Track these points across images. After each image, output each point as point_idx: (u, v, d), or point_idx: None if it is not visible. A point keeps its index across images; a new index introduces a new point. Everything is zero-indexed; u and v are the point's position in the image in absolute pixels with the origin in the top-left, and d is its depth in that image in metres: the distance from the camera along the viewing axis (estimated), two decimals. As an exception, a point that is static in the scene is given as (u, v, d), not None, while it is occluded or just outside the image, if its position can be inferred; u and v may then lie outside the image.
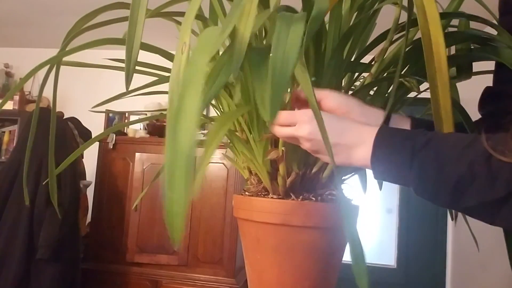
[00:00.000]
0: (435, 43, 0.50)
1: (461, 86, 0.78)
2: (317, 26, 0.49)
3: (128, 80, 0.53)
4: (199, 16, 0.74)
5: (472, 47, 0.71)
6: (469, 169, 0.46)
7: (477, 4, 0.76)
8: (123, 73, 0.54)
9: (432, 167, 0.48)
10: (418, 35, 0.63)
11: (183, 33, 0.44)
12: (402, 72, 0.70)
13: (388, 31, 0.68)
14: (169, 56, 0.68)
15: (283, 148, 0.63)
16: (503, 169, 0.44)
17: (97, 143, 2.56)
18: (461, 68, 0.72)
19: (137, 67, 0.73)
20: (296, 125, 0.55)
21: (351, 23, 0.69)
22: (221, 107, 0.79)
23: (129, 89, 0.66)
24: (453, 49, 0.74)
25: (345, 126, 0.55)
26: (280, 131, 0.57)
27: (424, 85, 0.61)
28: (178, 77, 0.45)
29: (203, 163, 0.40)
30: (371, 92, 0.75)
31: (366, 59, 0.76)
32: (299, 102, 0.59)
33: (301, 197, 0.65)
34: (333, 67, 0.65)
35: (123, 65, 0.54)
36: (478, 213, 0.48)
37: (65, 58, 0.66)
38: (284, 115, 0.56)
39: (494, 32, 0.65)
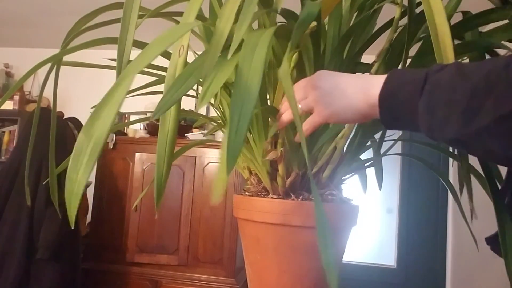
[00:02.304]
0: (440, 33, 0.50)
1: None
2: (303, 31, 0.49)
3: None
4: (199, 16, 0.74)
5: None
6: (485, 80, 0.40)
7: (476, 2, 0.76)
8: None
9: (443, 88, 0.43)
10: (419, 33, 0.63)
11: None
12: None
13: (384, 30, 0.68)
14: (170, 57, 0.68)
15: (281, 149, 0.63)
16: None
17: (97, 143, 2.55)
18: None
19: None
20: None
21: (351, 23, 0.69)
22: (221, 107, 0.79)
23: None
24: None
25: (352, 74, 0.53)
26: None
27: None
28: (174, 79, 0.45)
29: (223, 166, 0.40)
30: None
31: (367, 59, 0.76)
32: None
33: (301, 197, 0.65)
34: (333, 67, 0.65)
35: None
36: (492, 134, 0.40)
37: (66, 58, 0.66)
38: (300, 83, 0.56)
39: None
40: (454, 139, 0.43)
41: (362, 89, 0.49)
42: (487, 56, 0.72)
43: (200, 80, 0.43)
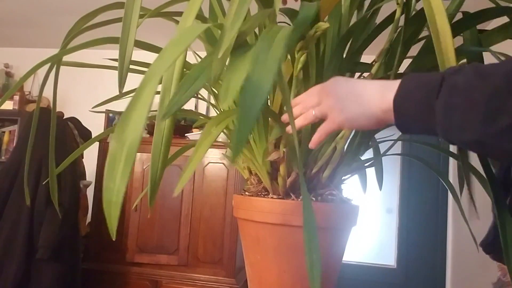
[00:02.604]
0: (441, 33, 0.50)
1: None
2: (300, 33, 0.49)
3: (121, 83, 0.53)
4: (199, 16, 0.74)
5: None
6: (505, 80, 0.40)
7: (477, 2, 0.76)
8: (123, 73, 0.54)
9: (462, 89, 0.42)
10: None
11: None
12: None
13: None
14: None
15: (284, 149, 0.63)
16: None
17: (97, 143, 2.55)
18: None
19: (137, 67, 0.73)
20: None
21: (350, 23, 0.69)
22: (221, 107, 0.79)
23: (130, 89, 0.66)
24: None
25: (366, 80, 0.53)
26: (306, 102, 0.56)
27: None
28: (171, 77, 0.45)
29: (193, 161, 0.40)
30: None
31: (367, 59, 0.76)
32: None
33: (301, 197, 0.65)
34: (332, 67, 0.65)
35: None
36: None
37: (66, 58, 0.66)
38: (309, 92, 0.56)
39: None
40: (474, 141, 0.42)
41: (376, 95, 0.49)
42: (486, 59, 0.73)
43: (206, 84, 0.43)
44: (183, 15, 0.47)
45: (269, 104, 0.73)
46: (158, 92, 0.48)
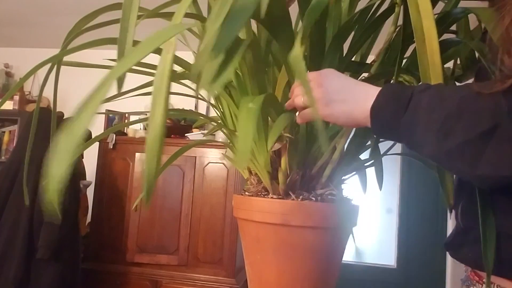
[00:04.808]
0: (427, 36, 0.51)
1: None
2: (314, 18, 0.49)
3: (120, 84, 0.53)
4: (198, 16, 0.74)
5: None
6: (458, 105, 0.45)
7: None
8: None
9: (424, 108, 0.48)
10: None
11: None
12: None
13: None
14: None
15: (287, 136, 0.63)
16: (489, 104, 0.44)
17: (97, 143, 2.56)
18: (467, 66, 0.73)
19: (136, 67, 0.73)
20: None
21: (350, 23, 0.69)
22: (220, 107, 0.79)
23: (129, 89, 0.66)
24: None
25: (357, 82, 0.57)
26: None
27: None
28: (163, 77, 0.45)
29: (244, 139, 0.40)
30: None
31: (367, 60, 0.76)
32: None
33: (301, 197, 0.65)
34: (329, 64, 0.66)
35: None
36: (461, 155, 0.45)
37: (66, 58, 0.66)
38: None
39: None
40: (431, 156, 0.48)
41: (360, 100, 0.53)
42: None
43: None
44: (174, 15, 0.47)
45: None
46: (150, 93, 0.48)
